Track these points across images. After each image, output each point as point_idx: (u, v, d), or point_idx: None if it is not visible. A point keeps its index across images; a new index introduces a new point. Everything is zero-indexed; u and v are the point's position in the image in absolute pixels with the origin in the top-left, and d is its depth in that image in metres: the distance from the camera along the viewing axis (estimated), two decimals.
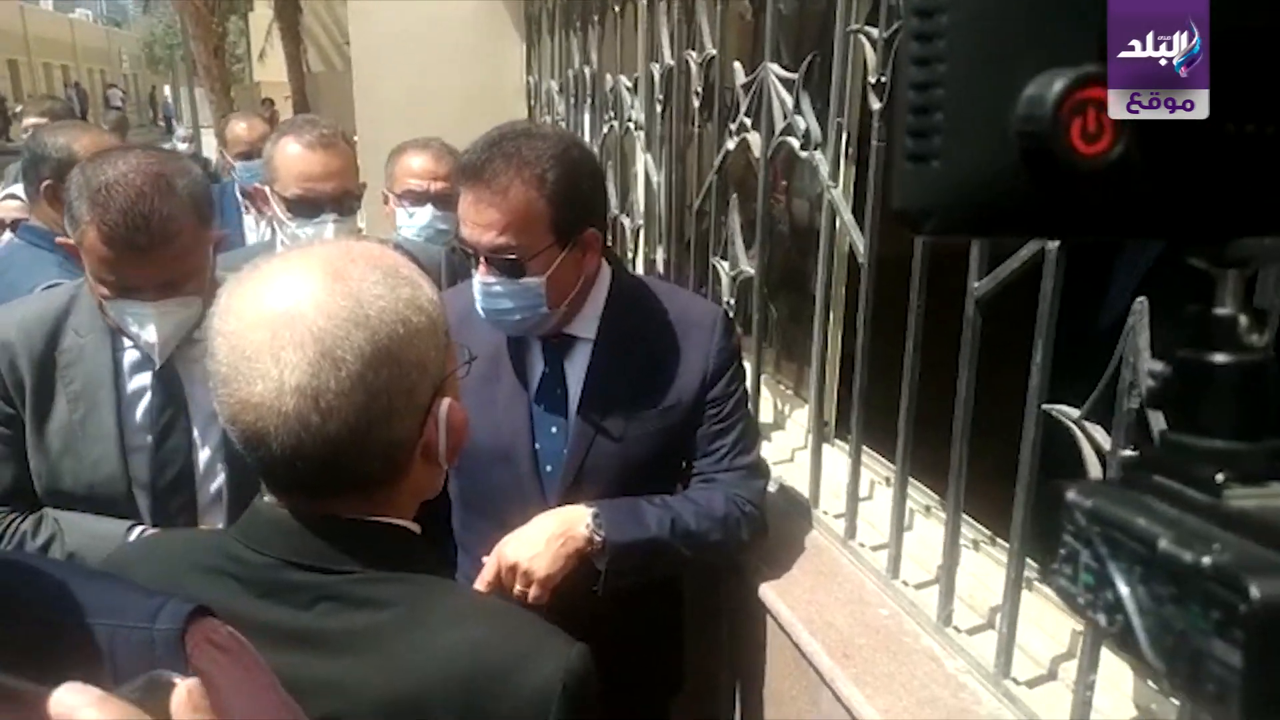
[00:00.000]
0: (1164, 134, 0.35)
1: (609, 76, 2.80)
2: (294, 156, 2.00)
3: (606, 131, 2.86)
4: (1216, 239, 0.37)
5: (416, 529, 0.93)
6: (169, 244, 1.37)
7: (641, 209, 2.67)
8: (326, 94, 13.77)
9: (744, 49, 2.41)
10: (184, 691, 0.54)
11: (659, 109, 2.41)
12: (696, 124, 2.21)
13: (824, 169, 1.70)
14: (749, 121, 1.94)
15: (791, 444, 2.13)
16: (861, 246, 1.60)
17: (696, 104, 2.17)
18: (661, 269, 2.53)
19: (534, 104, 3.78)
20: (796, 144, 1.76)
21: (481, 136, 1.44)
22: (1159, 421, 1.01)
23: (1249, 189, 0.36)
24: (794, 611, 1.57)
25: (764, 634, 1.69)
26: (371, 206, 2.67)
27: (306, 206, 1.99)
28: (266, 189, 2.07)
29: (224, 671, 0.70)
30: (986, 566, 1.53)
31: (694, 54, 2.16)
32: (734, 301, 2.10)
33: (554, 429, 1.54)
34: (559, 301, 1.46)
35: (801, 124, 1.74)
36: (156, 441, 1.51)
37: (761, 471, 1.66)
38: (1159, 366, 0.40)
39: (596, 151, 2.95)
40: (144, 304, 1.41)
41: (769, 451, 2.07)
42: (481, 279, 1.43)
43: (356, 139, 3.07)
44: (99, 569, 0.92)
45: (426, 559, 0.95)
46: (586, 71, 3.02)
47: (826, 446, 1.91)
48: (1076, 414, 1.18)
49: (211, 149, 5.94)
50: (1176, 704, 1.13)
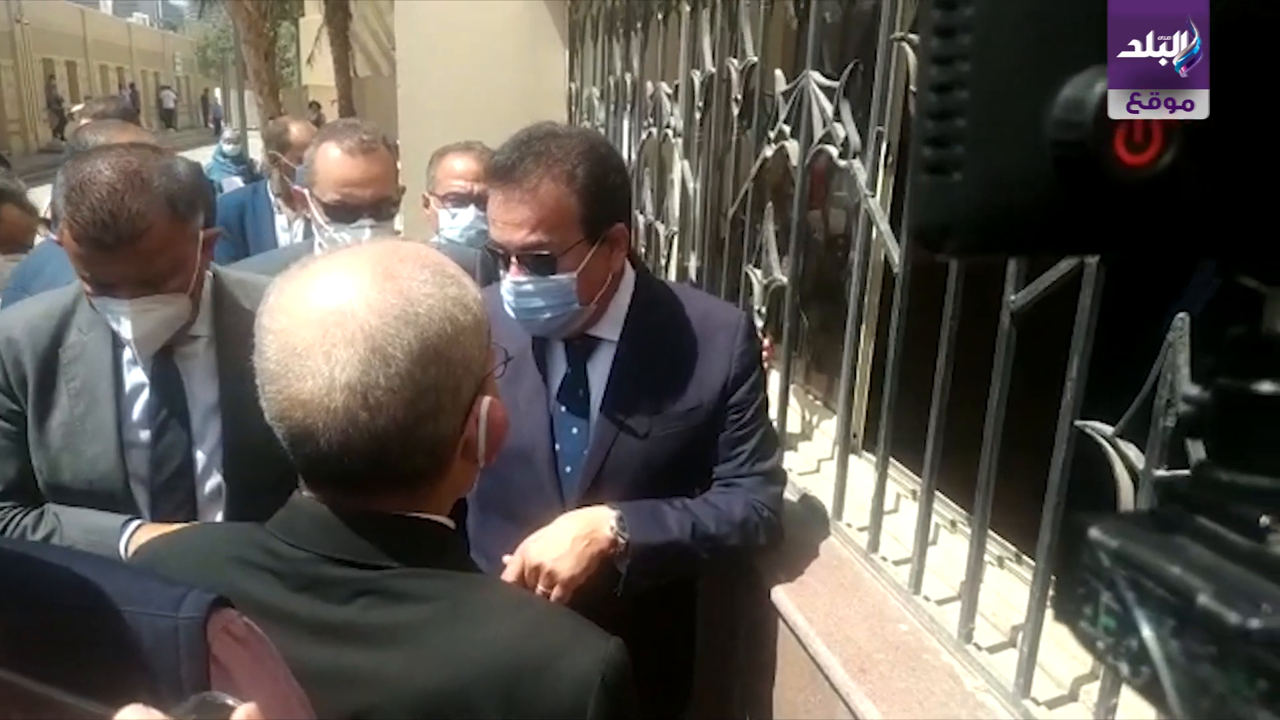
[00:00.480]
0: (1218, 141, 0.32)
1: (650, 83, 2.81)
2: (334, 161, 2.01)
3: (645, 138, 2.87)
4: (1272, 256, 0.34)
5: (452, 525, 0.94)
6: (137, 241, 1.34)
7: (676, 216, 2.67)
8: (371, 98, 14.01)
9: (787, 57, 2.41)
10: (243, 716, 0.56)
11: (698, 116, 2.41)
12: (735, 131, 2.20)
13: (862, 177, 1.69)
14: (788, 129, 1.93)
15: (818, 454, 2.10)
16: (897, 257, 1.58)
17: (736, 111, 2.16)
18: (694, 276, 2.52)
19: (575, 110, 3.80)
20: (835, 152, 1.75)
21: (509, 139, 1.45)
22: (1197, 450, 0.97)
23: None
24: (812, 623, 1.55)
25: (779, 644, 1.67)
26: (411, 210, 2.69)
27: (344, 212, 2.00)
28: (305, 192, 2.08)
29: (241, 663, 0.71)
30: (1011, 584, 1.51)
31: (735, 61, 2.16)
32: (765, 310, 2.09)
33: (575, 430, 1.54)
34: (590, 298, 1.46)
35: (841, 132, 1.73)
36: (154, 437, 1.51)
37: (780, 477, 1.64)
38: (1195, 391, 0.36)
39: (634, 158, 2.96)
40: (120, 301, 1.39)
41: (795, 462, 2.06)
42: (513, 279, 1.43)
43: (399, 142, 3.10)
44: (122, 562, 0.93)
45: (462, 555, 0.96)
46: (628, 78, 3.03)
47: (853, 458, 1.88)
48: (1110, 431, 1.15)
49: (256, 150, 6.06)
50: None
